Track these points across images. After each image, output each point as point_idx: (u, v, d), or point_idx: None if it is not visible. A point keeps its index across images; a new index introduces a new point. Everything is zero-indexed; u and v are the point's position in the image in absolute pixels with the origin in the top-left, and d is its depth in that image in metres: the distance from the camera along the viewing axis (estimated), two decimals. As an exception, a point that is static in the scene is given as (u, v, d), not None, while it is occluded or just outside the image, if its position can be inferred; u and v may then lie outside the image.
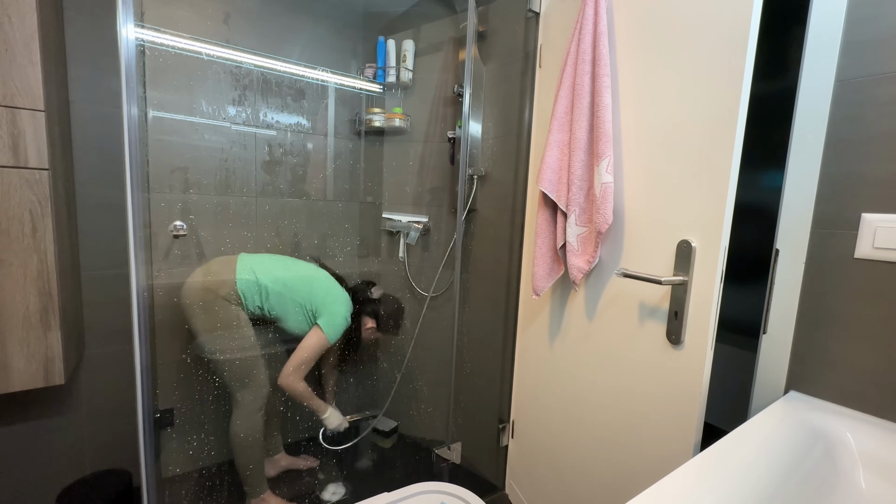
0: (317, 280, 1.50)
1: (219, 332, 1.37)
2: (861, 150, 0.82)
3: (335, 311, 1.46)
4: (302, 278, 1.47)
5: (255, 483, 1.43)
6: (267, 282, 1.39)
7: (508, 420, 1.54)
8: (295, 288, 1.43)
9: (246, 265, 1.40)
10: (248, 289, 1.38)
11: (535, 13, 1.39)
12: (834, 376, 0.87)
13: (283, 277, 1.43)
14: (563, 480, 1.25)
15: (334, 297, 1.49)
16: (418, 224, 1.80)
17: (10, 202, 1.03)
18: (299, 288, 1.44)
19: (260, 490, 1.44)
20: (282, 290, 1.41)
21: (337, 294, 1.51)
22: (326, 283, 1.52)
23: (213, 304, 1.36)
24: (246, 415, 1.39)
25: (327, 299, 1.47)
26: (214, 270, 1.40)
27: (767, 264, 0.94)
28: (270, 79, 1.62)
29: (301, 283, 1.45)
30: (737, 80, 0.78)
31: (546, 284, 1.20)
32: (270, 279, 1.40)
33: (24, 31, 1.00)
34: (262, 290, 1.39)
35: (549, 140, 1.13)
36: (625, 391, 1.03)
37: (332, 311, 1.45)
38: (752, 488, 0.63)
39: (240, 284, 1.37)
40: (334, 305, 1.47)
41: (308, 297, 1.45)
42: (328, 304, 1.46)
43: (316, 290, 1.47)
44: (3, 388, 1.07)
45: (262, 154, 1.64)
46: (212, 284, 1.36)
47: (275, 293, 1.40)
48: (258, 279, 1.39)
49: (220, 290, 1.35)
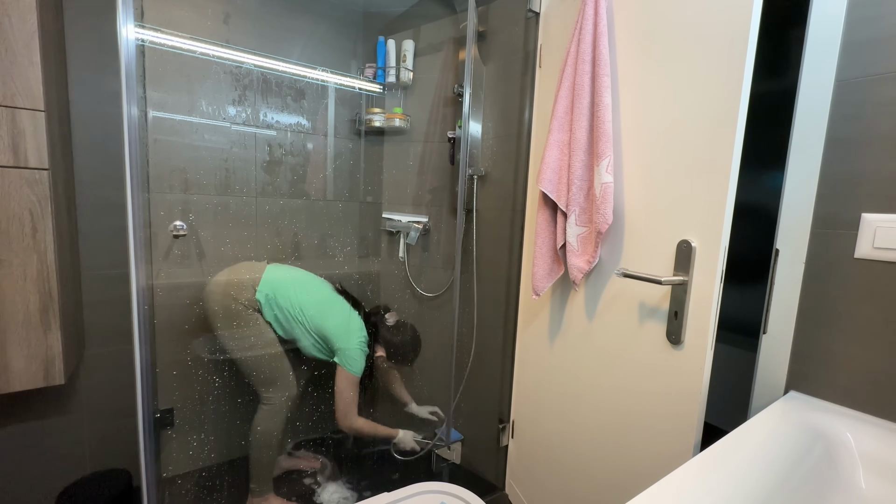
0: (331, 312, 1.48)
1: (240, 331, 1.39)
2: (861, 150, 0.82)
3: (349, 346, 1.45)
4: (317, 305, 1.46)
5: (262, 481, 1.44)
6: (284, 304, 1.41)
7: (508, 420, 1.54)
8: (309, 316, 1.43)
9: (269, 281, 1.41)
10: (266, 303, 1.40)
11: (535, 13, 1.39)
12: (834, 376, 0.87)
13: (300, 303, 1.43)
14: (563, 480, 1.25)
15: (347, 332, 1.47)
16: (418, 224, 1.80)
17: (10, 202, 1.03)
18: (313, 316, 1.44)
19: (266, 489, 1.45)
20: (297, 315, 1.42)
21: (350, 328, 1.49)
22: (340, 315, 1.50)
23: (233, 308, 1.37)
24: (272, 412, 1.41)
25: (340, 335, 1.45)
26: (240, 275, 1.42)
27: (767, 264, 0.94)
28: (270, 79, 1.62)
29: (316, 311, 1.44)
30: (737, 80, 0.78)
31: (546, 284, 1.19)
32: (288, 303, 1.41)
33: (24, 31, 1.00)
34: (277, 310, 1.41)
35: (549, 140, 1.13)
36: (625, 391, 1.03)
37: (346, 348, 1.44)
38: (752, 488, 0.63)
39: (259, 296, 1.39)
40: (347, 342, 1.45)
41: (320, 327, 1.44)
42: (341, 339, 1.45)
43: (328, 323, 1.45)
44: (3, 388, 1.07)
45: (263, 154, 1.64)
46: (233, 289, 1.38)
47: (288, 317, 1.42)
48: (277, 299, 1.40)
49: (240, 295, 1.37)
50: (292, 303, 1.42)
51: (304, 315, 1.43)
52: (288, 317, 1.41)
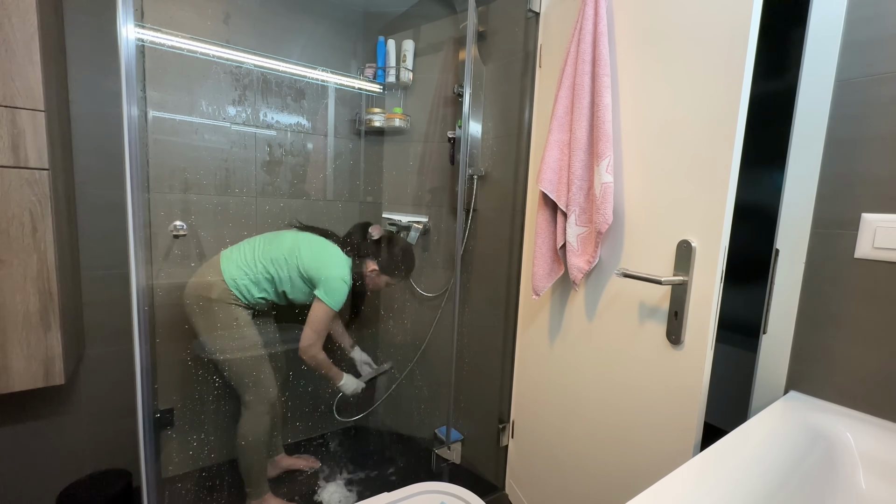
0: (303, 246, 1.42)
1: (219, 333, 1.37)
2: (861, 150, 0.82)
3: (330, 275, 1.39)
4: (287, 250, 1.41)
5: (256, 484, 1.43)
6: (255, 271, 1.38)
7: (508, 420, 1.54)
8: (283, 263, 1.39)
9: (229, 262, 1.38)
10: (240, 284, 1.36)
11: (535, 13, 1.39)
12: (834, 376, 0.87)
13: (269, 257, 1.39)
14: (563, 480, 1.25)
15: (326, 261, 1.42)
16: (418, 224, 1.80)
17: (10, 202, 1.03)
18: (288, 261, 1.40)
19: (261, 491, 1.45)
20: (272, 272, 1.39)
21: (328, 256, 1.44)
22: (314, 246, 1.44)
23: (210, 308, 1.35)
24: (254, 416, 1.40)
25: (319, 265, 1.40)
26: (201, 276, 1.38)
27: (767, 264, 0.94)
28: (270, 79, 1.62)
29: (288, 255, 1.40)
30: (737, 80, 0.78)
31: (546, 284, 1.19)
32: (257, 268, 1.38)
33: (24, 31, 1.00)
34: (253, 280, 1.37)
35: (549, 140, 1.13)
36: (625, 391, 1.03)
37: (326, 277, 1.39)
38: (752, 488, 0.63)
39: (230, 284, 1.35)
40: (328, 270, 1.40)
41: (298, 265, 1.40)
42: (321, 269, 1.40)
43: (304, 257, 1.40)
44: (3, 388, 1.07)
45: (262, 154, 1.64)
46: (202, 290, 1.35)
47: (266, 279, 1.38)
48: (246, 272, 1.37)
49: (211, 293, 1.34)
50: (261, 263, 1.39)
51: (277, 265, 1.39)
52: (263, 279, 1.38)
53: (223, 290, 1.35)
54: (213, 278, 1.36)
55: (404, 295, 1.91)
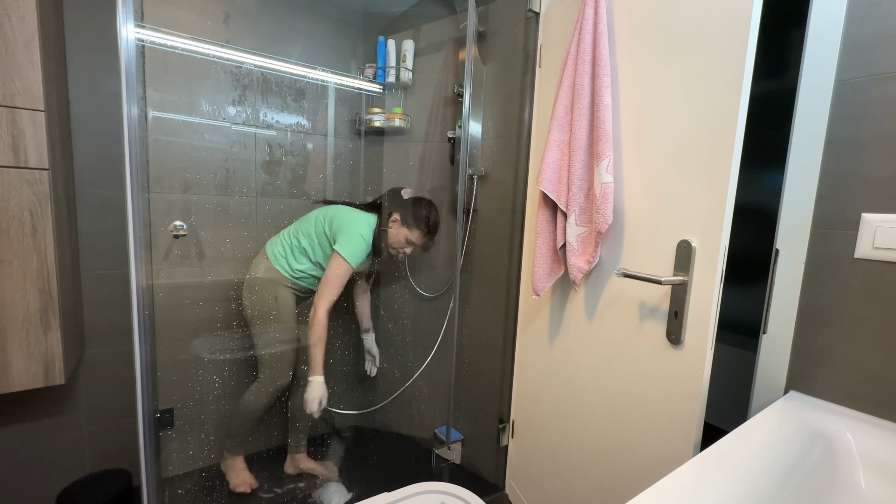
0: (329, 213, 1.51)
1: (259, 307, 1.48)
2: (861, 150, 0.82)
3: (351, 230, 1.43)
4: (313, 220, 1.51)
5: (237, 442, 1.54)
6: (291, 244, 1.50)
7: (508, 420, 1.54)
8: (312, 232, 1.49)
9: (272, 244, 1.52)
10: (279, 257, 1.48)
11: (535, 13, 1.39)
12: (834, 376, 0.87)
13: (300, 230, 1.51)
14: (563, 480, 1.25)
15: (347, 219, 1.47)
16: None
17: (10, 202, 1.03)
18: (316, 229, 1.49)
19: (236, 452, 1.54)
20: (304, 243, 1.49)
21: (350, 215, 1.50)
22: (339, 211, 1.52)
23: (257, 284, 1.48)
24: (259, 389, 1.49)
25: (341, 223, 1.46)
26: (256, 262, 1.53)
27: (767, 264, 0.94)
28: (270, 79, 1.62)
29: (315, 224, 1.50)
30: (737, 80, 0.78)
31: (546, 284, 1.19)
32: (292, 241, 1.50)
33: (24, 31, 1.00)
34: (290, 251, 1.49)
35: (549, 140, 1.13)
36: (625, 391, 1.03)
37: (348, 232, 1.43)
38: (752, 488, 0.63)
39: (272, 259, 1.48)
40: (349, 225, 1.44)
41: (325, 229, 1.48)
42: (344, 225, 1.45)
43: (329, 220, 1.49)
44: (3, 388, 1.07)
45: (263, 154, 1.64)
46: (253, 270, 1.50)
47: (299, 250, 1.49)
48: (283, 245, 1.50)
49: (258, 271, 1.49)
50: (292, 232, 1.52)
51: (306, 232, 1.49)
52: (296, 246, 1.49)
53: (268, 267, 1.48)
54: (260, 259, 1.51)
55: (405, 295, 1.91)
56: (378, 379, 2.00)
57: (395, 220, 1.54)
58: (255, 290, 1.48)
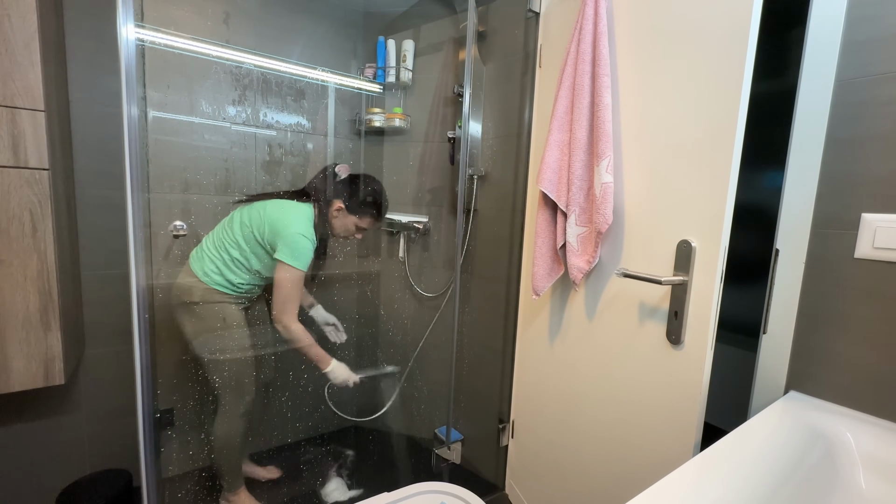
0: (253, 215, 1.33)
1: (205, 335, 1.34)
2: (861, 150, 0.82)
3: (289, 234, 1.28)
4: (238, 226, 1.33)
5: (230, 479, 1.44)
6: (222, 258, 1.31)
7: (508, 420, 1.54)
8: (241, 239, 1.31)
9: (197, 261, 1.33)
10: (214, 277, 1.30)
11: (535, 13, 1.39)
12: (834, 376, 0.87)
13: (225, 240, 1.32)
14: (563, 480, 1.25)
15: (280, 220, 1.30)
16: (418, 224, 1.80)
17: (10, 202, 1.03)
18: (245, 236, 1.31)
19: (236, 486, 1.45)
20: (235, 254, 1.31)
21: (281, 214, 1.32)
22: (266, 210, 1.33)
23: (194, 311, 1.32)
24: (228, 419, 1.37)
25: (274, 227, 1.29)
26: (180, 281, 1.34)
27: (767, 264, 0.94)
28: (270, 79, 1.62)
29: (241, 229, 1.32)
30: (737, 80, 0.78)
31: (546, 284, 1.19)
32: (221, 255, 1.31)
33: (24, 31, 1.00)
34: (225, 266, 1.31)
35: (549, 140, 1.13)
36: (625, 391, 1.03)
37: (286, 237, 1.28)
38: (753, 488, 0.63)
39: (206, 280, 1.30)
40: (285, 228, 1.29)
41: (255, 236, 1.31)
42: (279, 230, 1.29)
43: (256, 225, 1.31)
44: (3, 388, 1.07)
45: (263, 154, 1.64)
46: (184, 295, 1.31)
47: (233, 262, 1.31)
48: (214, 262, 1.31)
49: (193, 296, 1.30)
50: (216, 243, 1.33)
51: (251, 226, 1.31)
52: (226, 259, 1.31)
53: (204, 290, 1.30)
54: (188, 280, 1.30)
55: (405, 295, 1.91)
56: (378, 378, 2.00)
57: (339, 208, 1.41)
58: (197, 315, 1.31)
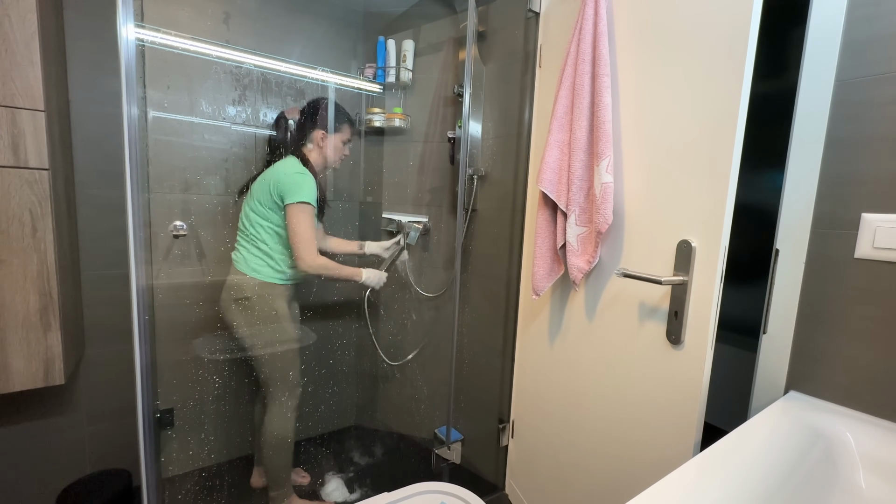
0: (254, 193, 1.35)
1: (258, 328, 1.36)
2: (861, 150, 0.82)
3: (288, 180, 1.30)
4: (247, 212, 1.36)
5: (282, 485, 1.41)
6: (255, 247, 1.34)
7: (508, 420, 1.54)
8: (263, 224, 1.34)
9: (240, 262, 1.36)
10: (258, 267, 1.34)
11: (535, 13, 1.39)
12: (834, 376, 0.87)
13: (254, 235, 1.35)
14: (563, 480, 1.25)
15: (277, 177, 1.32)
16: (418, 224, 1.80)
17: (10, 202, 1.03)
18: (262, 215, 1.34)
19: (287, 493, 1.42)
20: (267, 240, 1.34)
21: (277, 172, 1.34)
22: (260, 183, 1.35)
23: (250, 307, 1.34)
24: (282, 414, 1.38)
25: (276, 183, 1.31)
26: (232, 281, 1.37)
27: (767, 264, 0.94)
28: (270, 79, 1.62)
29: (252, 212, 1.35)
30: (737, 80, 0.78)
31: (546, 284, 1.19)
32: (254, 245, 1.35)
33: (24, 31, 1.00)
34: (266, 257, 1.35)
35: (549, 140, 1.13)
36: (625, 391, 1.03)
37: (287, 183, 1.30)
38: (753, 488, 0.63)
39: (254, 274, 1.34)
40: (284, 177, 1.31)
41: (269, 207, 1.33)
42: (279, 182, 1.30)
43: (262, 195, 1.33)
44: (3, 388, 1.07)
45: (262, 154, 1.64)
46: (236, 292, 1.35)
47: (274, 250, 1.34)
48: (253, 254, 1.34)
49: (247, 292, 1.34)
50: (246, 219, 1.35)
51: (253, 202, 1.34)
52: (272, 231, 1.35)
53: (257, 284, 1.34)
54: (240, 279, 1.35)
55: (405, 295, 1.91)
56: (378, 379, 2.00)
57: (322, 136, 1.42)
58: (256, 313, 1.35)
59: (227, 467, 1.66)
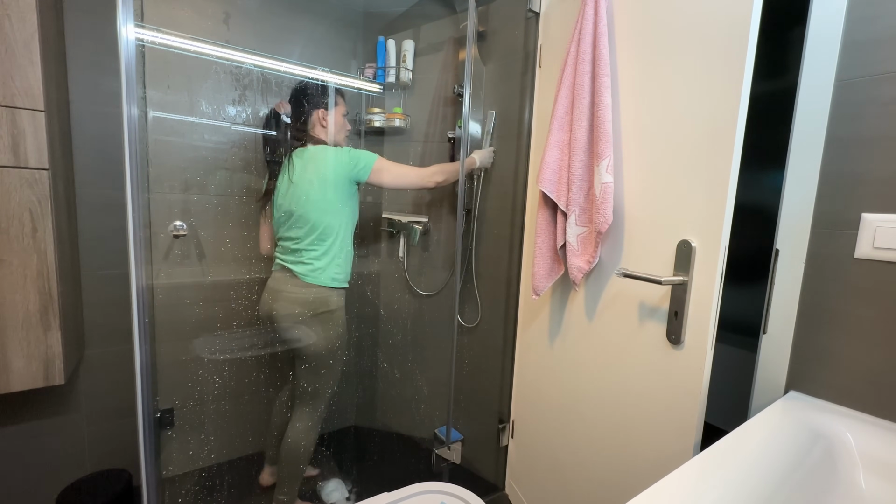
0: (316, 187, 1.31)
1: (327, 339, 1.32)
2: (861, 150, 0.82)
3: (345, 156, 1.31)
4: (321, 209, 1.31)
5: (290, 491, 1.41)
6: (314, 249, 1.30)
7: (508, 420, 1.54)
8: (327, 210, 1.30)
9: (308, 274, 1.31)
10: (320, 270, 1.30)
11: (535, 13, 1.39)
12: (834, 376, 0.87)
13: (313, 233, 1.30)
14: (563, 480, 1.25)
15: (331, 159, 1.31)
16: (418, 224, 1.80)
17: (10, 202, 1.03)
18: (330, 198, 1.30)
19: (292, 499, 1.42)
20: (327, 236, 1.31)
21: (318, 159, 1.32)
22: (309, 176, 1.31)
23: (326, 320, 1.31)
24: (311, 424, 1.37)
25: (338, 162, 1.31)
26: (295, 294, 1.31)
27: (767, 264, 0.94)
28: (270, 79, 1.62)
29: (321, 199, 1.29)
30: (737, 80, 0.78)
31: (546, 284, 1.19)
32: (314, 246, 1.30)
33: (24, 31, 1.00)
34: (331, 257, 1.31)
35: (549, 140, 1.13)
36: (625, 391, 1.03)
37: (348, 159, 1.31)
38: (752, 488, 0.63)
39: (333, 283, 1.31)
40: (336, 156, 1.31)
41: (344, 184, 1.31)
42: (342, 163, 1.31)
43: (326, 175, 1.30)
44: (3, 388, 1.07)
45: (262, 154, 1.64)
46: (313, 306, 1.30)
47: (334, 246, 1.31)
48: (317, 258, 1.30)
49: (330, 305, 1.31)
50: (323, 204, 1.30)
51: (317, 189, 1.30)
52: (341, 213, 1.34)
53: (338, 295, 1.34)
54: (299, 289, 1.29)
55: (404, 295, 1.91)
56: (378, 378, 2.00)
57: (322, 115, 1.39)
58: (338, 324, 1.33)
59: (227, 467, 1.66)
